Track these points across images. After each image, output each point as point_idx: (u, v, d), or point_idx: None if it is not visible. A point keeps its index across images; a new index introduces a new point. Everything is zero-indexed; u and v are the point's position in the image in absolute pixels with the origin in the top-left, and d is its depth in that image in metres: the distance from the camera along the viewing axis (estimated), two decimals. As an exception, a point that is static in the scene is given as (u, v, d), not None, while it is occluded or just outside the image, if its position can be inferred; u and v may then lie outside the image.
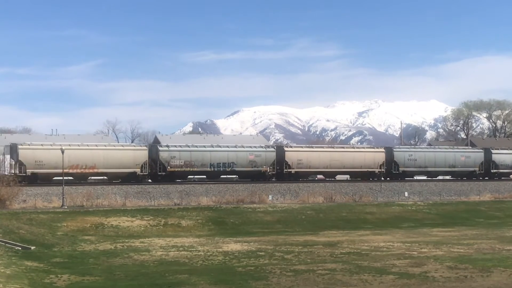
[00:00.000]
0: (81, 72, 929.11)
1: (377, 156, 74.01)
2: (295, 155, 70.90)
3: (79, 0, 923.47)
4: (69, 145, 62.01)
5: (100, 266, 29.42)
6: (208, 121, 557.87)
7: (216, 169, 67.34)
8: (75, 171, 61.44)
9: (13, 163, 60.01)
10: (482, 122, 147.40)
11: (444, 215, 57.05)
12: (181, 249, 35.56)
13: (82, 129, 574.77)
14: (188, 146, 68.61)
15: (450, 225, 51.35)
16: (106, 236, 42.59)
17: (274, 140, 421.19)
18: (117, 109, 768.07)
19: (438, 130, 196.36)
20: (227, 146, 70.82)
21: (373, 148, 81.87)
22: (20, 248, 34.67)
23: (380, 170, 72.97)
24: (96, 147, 64.29)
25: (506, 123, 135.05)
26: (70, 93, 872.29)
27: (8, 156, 60.95)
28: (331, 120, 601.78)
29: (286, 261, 30.34)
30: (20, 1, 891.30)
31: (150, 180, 65.43)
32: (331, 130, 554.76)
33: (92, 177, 63.95)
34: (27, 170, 59.20)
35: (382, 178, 72.66)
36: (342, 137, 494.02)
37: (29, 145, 61.88)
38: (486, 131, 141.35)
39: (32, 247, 35.43)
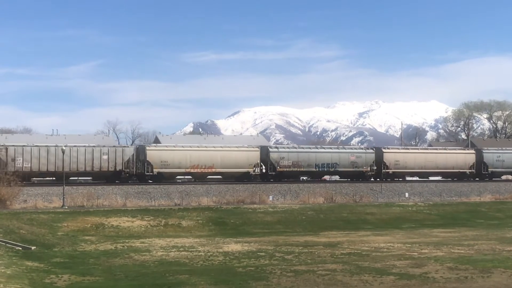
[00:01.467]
0: (81, 72, 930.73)
1: (467, 157, 77.83)
2: (393, 156, 74.95)
3: (80, 0, 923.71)
4: (190, 147, 68.44)
5: (101, 266, 29.43)
6: (209, 121, 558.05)
7: (320, 169, 71.48)
8: (195, 170, 66.41)
9: (140, 163, 65.10)
10: (482, 123, 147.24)
11: (445, 216, 57.03)
12: (181, 249, 35.56)
13: (82, 129, 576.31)
14: (295, 148, 75.41)
15: (451, 226, 51.35)
16: (106, 236, 42.59)
17: (274, 140, 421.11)
18: (118, 109, 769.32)
19: (439, 130, 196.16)
20: (330, 148, 77.37)
21: (464, 149, 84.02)
22: (20, 248, 34.68)
23: (470, 170, 77.10)
24: (214, 149, 69.26)
25: (506, 124, 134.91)
26: (70, 93, 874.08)
27: (133, 156, 65.30)
28: (331, 120, 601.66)
29: (286, 262, 30.33)
30: (21, 1, 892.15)
31: (259, 179, 69.30)
32: (332, 131, 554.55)
33: (210, 176, 67.97)
34: (154, 170, 64.06)
35: (471, 179, 75.85)
36: (343, 138, 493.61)
37: (155, 146, 67.96)
38: (486, 132, 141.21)
39: (33, 247, 35.43)
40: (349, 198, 63.79)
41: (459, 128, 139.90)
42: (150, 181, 63.46)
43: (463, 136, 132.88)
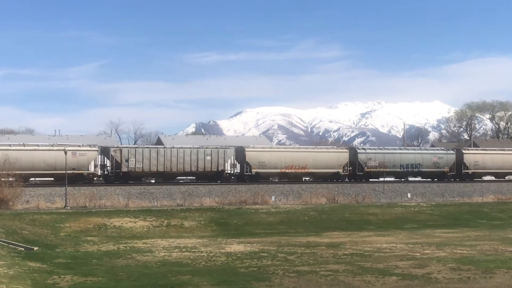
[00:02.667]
0: (84, 73, 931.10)
1: None
2: (472, 157, 78.28)
3: (82, 1, 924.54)
4: (285, 148, 73.37)
5: (103, 267, 29.45)
6: (211, 122, 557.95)
7: (404, 169, 74.64)
8: (289, 171, 69.65)
9: (238, 163, 68.21)
10: (485, 123, 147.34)
11: (447, 216, 56.98)
12: (183, 250, 35.57)
13: (85, 130, 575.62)
14: (381, 149, 77.75)
15: (453, 226, 51.30)
16: (109, 237, 42.61)
17: (277, 141, 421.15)
18: (120, 109, 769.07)
19: (441, 131, 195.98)
20: (413, 149, 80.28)
21: None
22: (23, 249, 34.71)
23: None
24: (306, 150, 74.49)
25: (509, 124, 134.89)
26: (73, 94, 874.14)
27: (233, 157, 68.51)
28: (334, 121, 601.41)
29: (288, 262, 30.32)
30: (23, 2, 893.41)
31: (347, 179, 72.09)
32: (334, 131, 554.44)
33: (304, 178, 71.57)
34: (252, 170, 67.52)
35: None
36: (345, 138, 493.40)
37: (253, 148, 70.86)
38: (489, 132, 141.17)
39: (35, 248, 35.46)
40: (351, 198, 63.78)
41: (462, 129, 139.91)
42: (247, 180, 66.92)
43: (466, 136, 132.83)
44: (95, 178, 63.72)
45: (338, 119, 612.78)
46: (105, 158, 64.00)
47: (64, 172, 55.42)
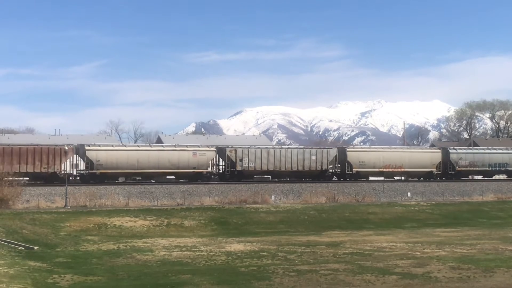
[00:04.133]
0: (84, 73, 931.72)
1: None
2: None
3: (83, 1, 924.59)
4: (382, 148, 77.64)
5: (103, 266, 29.45)
6: (211, 121, 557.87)
7: (492, 168, 77.77)
8: (387, 170, 73.02)
9: (338, 163, 70.87)
10: (485, 123, 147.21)
11: (447, 216, 56.99)
12: (184, 249, 35.58)
13: (85, 129, 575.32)
14: (471, 149, 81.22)
15: (453, 226, 51.31)
16: (109, 236, 42.62)
17: (277, 140, 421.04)
18: (120, 109, 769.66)
19: (441, 130, 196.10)
20: (501, 149, 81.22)
21: None
22: (23, 248, 34.73)
23: None
24: (402, 150, 77.64)
25: (509, 123, 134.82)
26: (73, 93, 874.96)
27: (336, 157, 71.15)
28: (333, 120, 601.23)
29: (289, 261, 30.33)
30: (23, 1, 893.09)
31: (438, 178, 74.97)
32: (334, 131, 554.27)
33: (396, 176, 74.98)
34: (353, 169, 70.93)
35: None
36: (345, 138, 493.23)
37: (353, 148, 75.23)
38: (489, 132, 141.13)
39: (35, 247, 35.48)
40: (351, 197, 63.78)
41: (462, 128, 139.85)
42: (348, 179, 70.50)
43: (466, 135, 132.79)
44: (211, 177, 67.18)
45: (338, 118, 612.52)
46: (220, 157, 67.38)
47: (186, 171, 64.09)
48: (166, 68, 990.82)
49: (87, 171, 61.46)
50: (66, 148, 61.14)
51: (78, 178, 62.74)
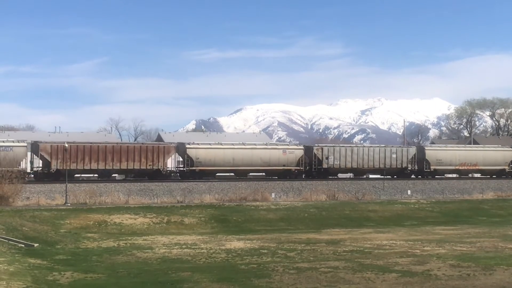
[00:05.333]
0: (84, 70, 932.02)
1: None
2: None
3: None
4: (458, 147, 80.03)
5: (103, 264, 29.47)
6: (211, 119, 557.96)
7: None
8: (462, 167, 76.09)
9: (416, 161, 73.61)
10: (485, 121, 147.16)
11: (447, 213, 57.00)
12: (184, 246, 35.58)
13: (85, 127, 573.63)
14: None
15: (453, 223, 51.30)
16: (109, 234, 42.63)
17: (277, 138, 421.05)
18: (120, 106, 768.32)
19: (441, 128, 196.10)
20: None
21: None
22: (23, 245, 34.73)
23: None
24: (477, 148, 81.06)
25: (509, 121, 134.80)
26: (73, 90, 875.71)
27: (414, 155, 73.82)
28: (334, 118, 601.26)
29: (288, 259, 30.34)
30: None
31: (504, 176, 77.09)
32: (334, 128, 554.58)
33: (470, 174, 77.95)
34: (431, 167, 73.76)
35: None
36: (345, 135, 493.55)
37: (431, 146, 79.04)
38: (489, 130, 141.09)
39: (35, 244, 35.48)
40: (351, 195, 63.79)
41: (462, 126, 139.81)
42: (428, 176, 73.62)
43: (466, 133, 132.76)
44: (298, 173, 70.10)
45: (338, 116, 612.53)
46: (306, 155, 69.79)
47: (276, 168, 67.95)
48: (167, 65, 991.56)
49: (187, 168, 65.36)
50: (170, 146, 65.64)
51: (178, 174, 66.81)
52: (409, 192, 67.21)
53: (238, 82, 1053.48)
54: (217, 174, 68.63)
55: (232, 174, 68.95)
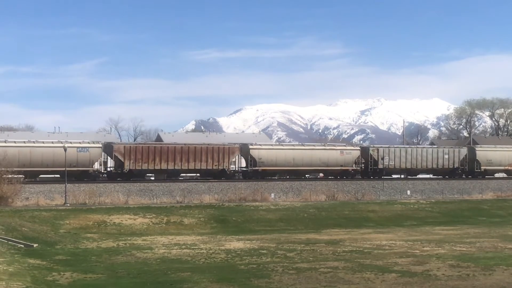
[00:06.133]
0: (84, 70, 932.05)
1: None
2: None
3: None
4: (507, 148, 79.99)
5: (103, 264, 29.46)
6: (211, 119, 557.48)
7: None
8: (511, 168, 77.71)
9: (467, 162, 74.87)
10: (484, 121, 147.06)
11: (447, 214, 57.01)
12: (183, 247, 35.58)
13: (84, 127, 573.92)
14: None
15: (453, 224, 51.31)
16: (108, 234, 42.62)
17: (276, 138, 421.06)
18: (120, 107, 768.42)
19: (441, 128, 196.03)
20: None
21: None
22: (22, 246, 34.72)
23: None
24: None
25: (509, 121, 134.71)
26: (73, 91, 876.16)
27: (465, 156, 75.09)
28: (333, 118, 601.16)
29: (288, 259, 30.34)
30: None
31: None
32: (334, 129, 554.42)
33: None
34: (481, 167, 75.16)
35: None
36: (345, 135, 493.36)
37: (480, 147, 79.51)
38: (488, 130, 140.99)
39: (35, 245, 35.47)
40: (351, 195, 63.79)
41: (461, 126, 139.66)
42: (478, 176, 75.16)
43: (465, 134, 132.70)
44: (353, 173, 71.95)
45: (338, 116, 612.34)
46: (362, 156, 71.70)
47: (334, 168, 69.66)
48: (166, 65, 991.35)
49: (250, 168, 67.03)
50: (234, 147, 67.14)
51: (240, 174, 68.51)
52: (408, 192, 67.22)
53: (237, 82, 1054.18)
54: (278, 174, 71.39)
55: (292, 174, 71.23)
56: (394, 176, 73.98)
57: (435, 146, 77.10)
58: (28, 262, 29.09)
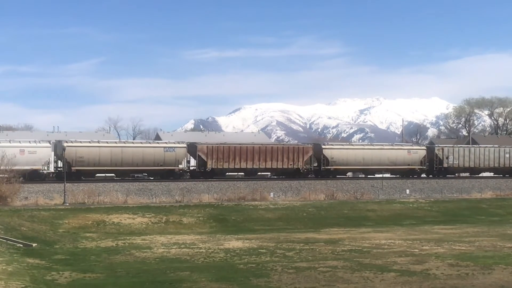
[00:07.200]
0: (83, 70, 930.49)
1: None
2: None
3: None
4: None
5: (102, 263, 29.45)
6: (210, 118, 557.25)
7: None
8: None
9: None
10: (483, 120, 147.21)
11: (446, 213, 57.02)
12: (182, 246, 35.57)
13: (83, 126, 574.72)
14: None
15: (452, 223, 51.33)
16: (107, 233, 42.62)
17: (275, 137, 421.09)
18: (119, 106, 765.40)
19: (440, 127, 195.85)
20: None
21: None
22: (21, 245, 34.71)
23: None
24: None
25: (507, 120, 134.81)
26: (72, 90, 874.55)
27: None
28: (332, 117, 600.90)
29: (287, 259, 30.34)
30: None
31: None
32: (333, 128, 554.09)
33: None
34: None
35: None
36: (344, 135, 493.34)
37: None
38: (487, 129, 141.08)
39: (34, 244, 35.46)
40: (350, 195, 63.78)
41: (460, 125, 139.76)
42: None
43: (464, 133, 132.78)
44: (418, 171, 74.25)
45: (337, 115, 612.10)
46: (427, 155, 73.67)
47: (401, 167, 72.28)
48: (165, 65, 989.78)
49: (323, 167, 69.53)
50: (308, 147, 70.26)
51: (311, 173, 70.81)
52: (407, 191, 67.20)
53: (236, 82, 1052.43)
54: (349, 173, 74.24)
55: (362, 174, 74.08)
56: (458, 174, 76.55)
57: (497, 145, 79.22)
58: (27, 262, 29.09)
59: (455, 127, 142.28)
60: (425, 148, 75.68)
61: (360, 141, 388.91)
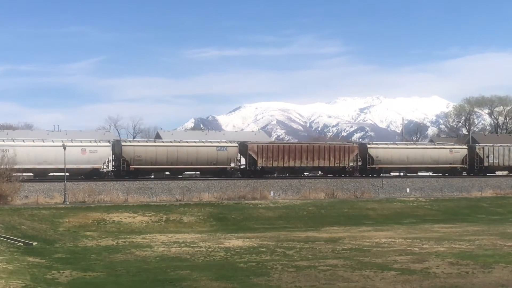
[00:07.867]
0: (83, 69, 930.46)
1: None
2: None
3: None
4: None
5: (102, 262, 29.47)
6: (210, 117, 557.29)
7: None
8: None
9: None
10: (483, 118, 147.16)
11: (446, 211, 57.04)
12: (182, 245, 35.59)
13: (83, 125, 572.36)
14: None
15: (452, 221, 51.36)
16: (108, 232, 42.64)
17: (275, 136, 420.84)
18: (119, 105, 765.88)
19: (440, 126, 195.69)
20: None
21: None
22: (22, 244, 34.74)
23: None
24: None
25: (508, 119, 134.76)
26: (72, 89, 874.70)
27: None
28: (332, 116, 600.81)
29: (287, 257, 30.36)
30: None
31: None
32: (333, 126, 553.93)
33: None
34: None
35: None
36: (344, 133, 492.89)
37: None
38: (487, 128, 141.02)
39: (34, 243, 35.48)
40: (350, 193, 63.80)
41: (460, 124, 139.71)
42: None
43: (464, 131, 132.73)
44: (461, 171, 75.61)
45: (337, 114, 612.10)
46: (468, 154, 74.79)
47: (443, 166, 73.58)
48: (165, 64, 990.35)
49: (368, 166, 70.84)
50: (354, 146, 72.08)
51: (356, 171, 71.58)
52: (408, 190, 67.23)
53: (236, 81, 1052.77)
54: (393, 172, 74.69)
55: (405, 172, 74.81)
56: (497, 173, 77.17)
57: None
58: (27, 260, 29.10)
59: (455, 126, 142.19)
60: (466, 147, 76.89)
61: (360, 140, 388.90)
